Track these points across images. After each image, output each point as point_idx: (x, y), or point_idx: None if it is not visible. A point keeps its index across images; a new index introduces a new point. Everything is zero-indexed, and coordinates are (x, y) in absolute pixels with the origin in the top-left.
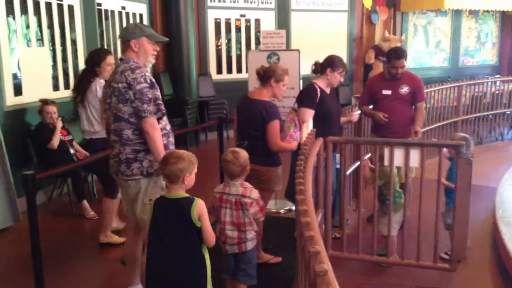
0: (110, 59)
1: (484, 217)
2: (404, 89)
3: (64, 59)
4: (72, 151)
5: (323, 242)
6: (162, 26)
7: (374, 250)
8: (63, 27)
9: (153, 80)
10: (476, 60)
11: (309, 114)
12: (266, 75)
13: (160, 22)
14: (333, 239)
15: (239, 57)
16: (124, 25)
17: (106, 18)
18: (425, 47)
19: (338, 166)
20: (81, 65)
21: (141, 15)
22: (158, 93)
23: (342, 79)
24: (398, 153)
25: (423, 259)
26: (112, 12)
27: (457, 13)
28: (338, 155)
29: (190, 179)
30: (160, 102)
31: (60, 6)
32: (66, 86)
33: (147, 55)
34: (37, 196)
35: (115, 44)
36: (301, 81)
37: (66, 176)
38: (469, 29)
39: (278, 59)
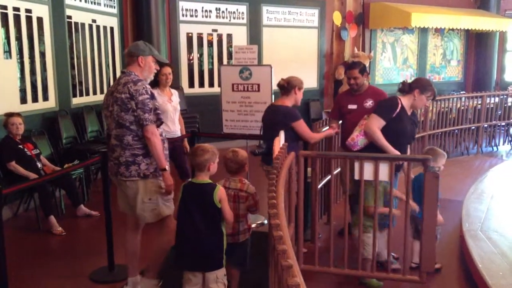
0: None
1: (451, 229)
2: (369, 103)
3: (33, 72)
4: (39, 165)
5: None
6: (133, 39)
7: (345, 263)
8: (32, 39)
9: (152, 91)
10: (442, 76)
11: (378, 123)
12: (290, 85)
13: (131, 36)
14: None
15: (211, 71)
16: (95, 38)
17: (76, 31)
18: (393, 64)
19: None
20: (50, 78)
21: (112, 29)
22: (157, 103)
23: (428, 104)
24: (368, 167)
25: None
26: (83, 25)
27: (423, 31)
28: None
29: (214, 167)
30: (160, 111)
31: (29, 18)
32: (34, 99)
33: (150, 72)
34: (2, 211)
35: (84, 58)
36: (273, 96)
37: (33, 191)
38: (435, 47)
39: (251, 74)
